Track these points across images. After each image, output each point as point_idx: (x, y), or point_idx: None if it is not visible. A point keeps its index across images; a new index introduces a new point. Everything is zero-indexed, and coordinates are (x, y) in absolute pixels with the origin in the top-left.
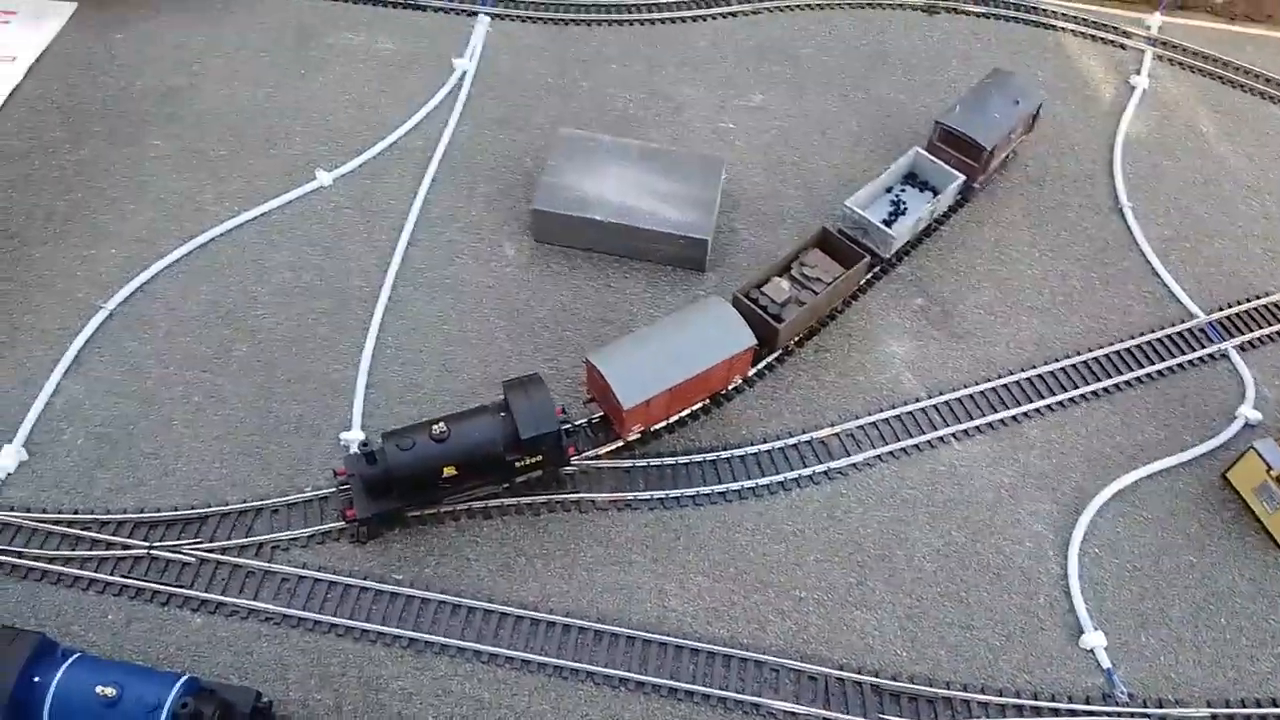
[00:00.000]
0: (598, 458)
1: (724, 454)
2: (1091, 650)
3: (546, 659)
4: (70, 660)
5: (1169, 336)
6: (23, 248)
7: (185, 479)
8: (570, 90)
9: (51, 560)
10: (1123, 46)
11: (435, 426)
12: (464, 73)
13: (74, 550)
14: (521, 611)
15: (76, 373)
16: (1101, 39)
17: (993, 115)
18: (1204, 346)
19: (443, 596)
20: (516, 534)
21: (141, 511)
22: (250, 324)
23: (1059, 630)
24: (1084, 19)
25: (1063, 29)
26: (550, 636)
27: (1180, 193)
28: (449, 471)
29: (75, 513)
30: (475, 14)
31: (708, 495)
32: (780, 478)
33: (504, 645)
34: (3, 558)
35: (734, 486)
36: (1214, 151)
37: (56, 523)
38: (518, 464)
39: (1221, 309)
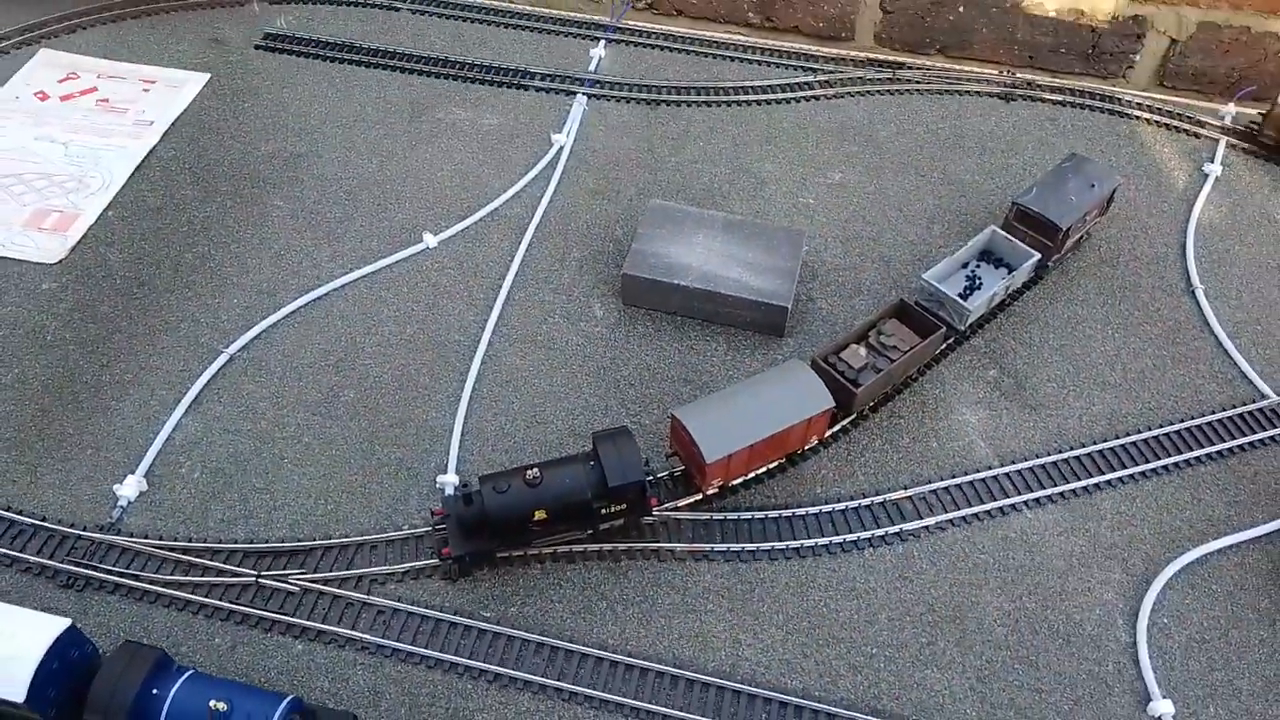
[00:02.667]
0: (677, 509)
1: (799, 511)
2: (1160, 717)
3: (624, 699)
4: (185, 675)
5: (1240, 415)
6: (151, 294)
7: (293, 513)
8: (659, 165)
9: (165, 584)
10: (1196, 135)
11: (529, 472)
12: (561, 147)
13: (186, 575)
14: (601, 653)
15: (196, 411)
16: (1175, 127)
17: (1069, 197)
18: (1275, 426)
19: (526, 634)
20: (598, 578)
21: (251, 542)
22: (358, 372)
23: (1127, 696)
24: (1159, 108)
25: (1137, 117)
26: (628, 679)
27: (1253, 277)
28: (539, 515)
29: (189, 541)
30: (574, 94)
31: (782, 550)
32: (854, 536)
33: (584, 684)
34: (121, 580)
35: (807, 543)
36: None
37: (171, 549)
38: (603, 511)
39: None
